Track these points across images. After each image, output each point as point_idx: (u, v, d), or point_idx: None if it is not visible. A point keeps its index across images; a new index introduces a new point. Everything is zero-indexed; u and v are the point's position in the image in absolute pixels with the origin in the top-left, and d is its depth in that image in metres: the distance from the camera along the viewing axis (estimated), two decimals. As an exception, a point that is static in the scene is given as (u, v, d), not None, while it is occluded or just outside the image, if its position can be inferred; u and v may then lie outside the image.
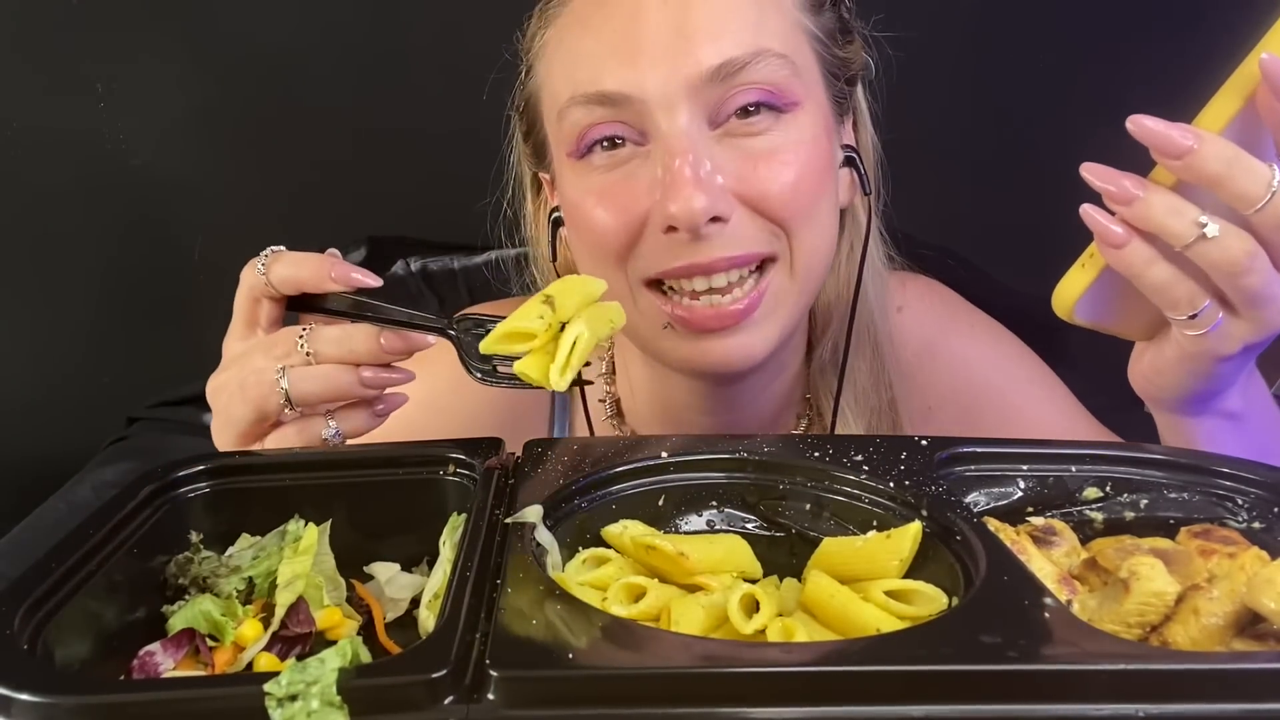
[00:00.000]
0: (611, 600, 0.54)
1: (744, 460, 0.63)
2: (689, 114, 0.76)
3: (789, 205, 0.79)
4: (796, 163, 0.79)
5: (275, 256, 0.72)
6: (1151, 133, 0.61)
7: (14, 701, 0.40)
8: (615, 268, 0.81)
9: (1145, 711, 0.40)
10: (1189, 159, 0.60)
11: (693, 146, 0.76)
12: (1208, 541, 0.57)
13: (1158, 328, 0.71)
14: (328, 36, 1.63)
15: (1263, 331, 0.65)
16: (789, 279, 0.81)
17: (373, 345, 0.69)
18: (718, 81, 0.76)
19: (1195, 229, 0.61)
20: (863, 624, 0.51)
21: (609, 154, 0.80)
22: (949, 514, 0.56)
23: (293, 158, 1.65)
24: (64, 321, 1.67)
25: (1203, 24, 0.96)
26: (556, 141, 0.85)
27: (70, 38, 1.55)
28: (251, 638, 0.53)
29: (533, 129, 0.91)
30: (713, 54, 0.76)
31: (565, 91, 0.80)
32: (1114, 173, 0.63)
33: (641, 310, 0.82)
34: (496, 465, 0.62)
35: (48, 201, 1.61)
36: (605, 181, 0.80)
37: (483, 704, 0.40)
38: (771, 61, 0.77)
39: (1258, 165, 0.61)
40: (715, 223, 0.76)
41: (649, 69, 0.76)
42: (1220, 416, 0.73)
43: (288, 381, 0.69)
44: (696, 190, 0.74)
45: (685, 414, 0.95)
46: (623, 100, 0.77)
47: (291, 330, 0.71)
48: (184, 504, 0.62)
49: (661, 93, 0.76)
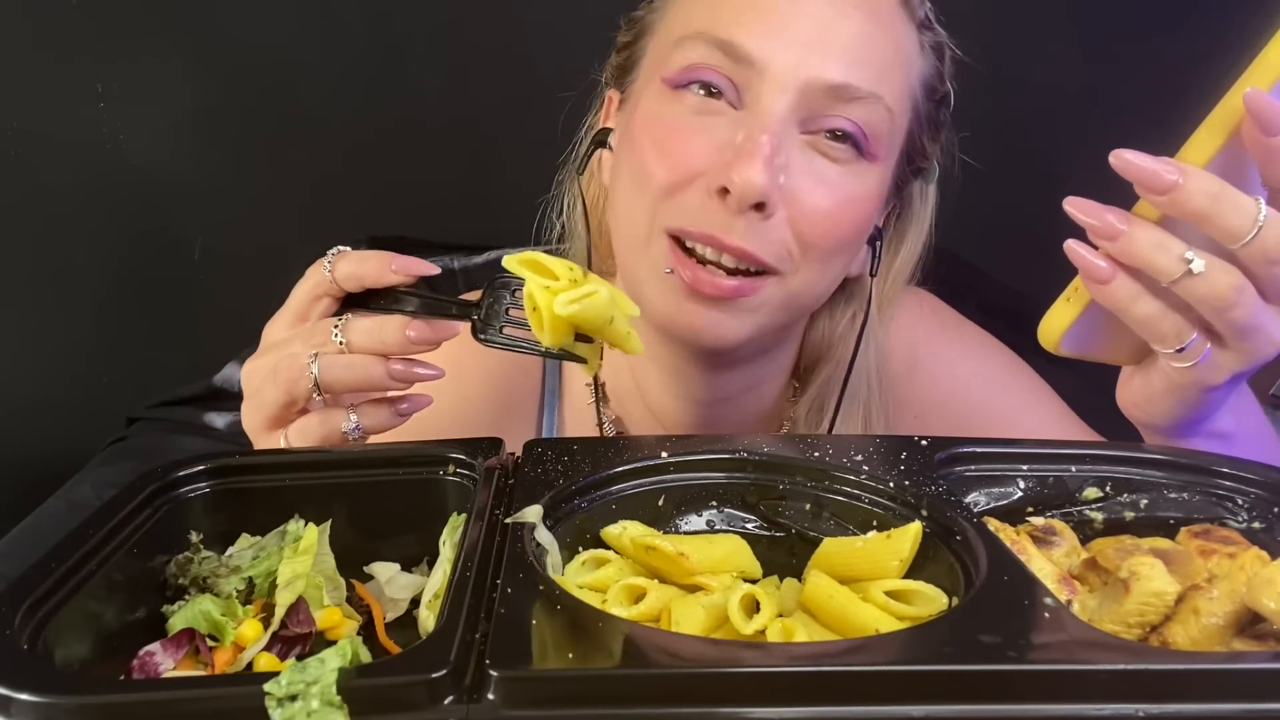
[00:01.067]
0: (611, 602, 0.54)
1: (744, 460, 0.63)
2: (792, 105, 0.78)
3: (820, 234, 0.81)
4: (848, 203, 0.82)
5: (341, 255, 0.72)
6: (1135, 168, 0.61)
7: (14, 701, 0.40)
8: (650, 203, 0.82)
9: (1145, 711, 0.40)
10: (1174, 194, 0.60)
11: (780, 132, 0.78)
12: (1208, 541, 0.57)
13: (1145, 352, 0.70)
14: (328, 37, 1.63)
15: (1250, 361, 0.65)
16: (780, 294, 0.83)
17: (400, 336, 0.70)
18: (829, 97, 0.78)
19: (1181, 265, 0.61)
20: (861, 624, 0.51)
21: (703, 99, 0.81)
22: (949, 514, 0.56)
23: (293, 158, 1.65)
24: (64, 321, 1.67)
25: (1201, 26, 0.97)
26: (657, 61, 0.86)
27: (70, 38, 1.55)
28: (251, 638, 0.53)
29: (636, 42, 0.91)
30: (839, 72, 0.78)
31: (697, 23, 0.82)
32: (1098, 207, 0.63)
33: (652, 252, 0.83)
34: (496, 465, 0.62)
35: (47, 201, 1.61)
36: (687, 121, 0.81)
37: (483, 704, 0.40)
38: (879, 109, 0.80)
39: (1243, 200, 0.60)
40: (757, 210, 0.78)
41: (784, 48, 0.78)
42: (1210, 437, 0.73)
43: (318, 368, 0.70)
44: (765, 169, 0.76)
45: (658, 394, 0.96)
46: (747, 60, 0.79)
47: (329, 320, 0.72)
48: (184, 504, 0.62)
49: (783, 72, 0.78)
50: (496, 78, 1.62)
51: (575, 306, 0.62)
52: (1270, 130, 0.59)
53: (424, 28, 1.64)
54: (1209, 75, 0.64)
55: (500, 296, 0.72)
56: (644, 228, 0.83)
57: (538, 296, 0.63)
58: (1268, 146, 0.60)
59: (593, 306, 0.63)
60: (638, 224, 0.84)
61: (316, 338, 0.71)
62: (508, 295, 0.72)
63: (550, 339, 0.64)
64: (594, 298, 0.63)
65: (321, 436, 0.72)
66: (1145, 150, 0.62)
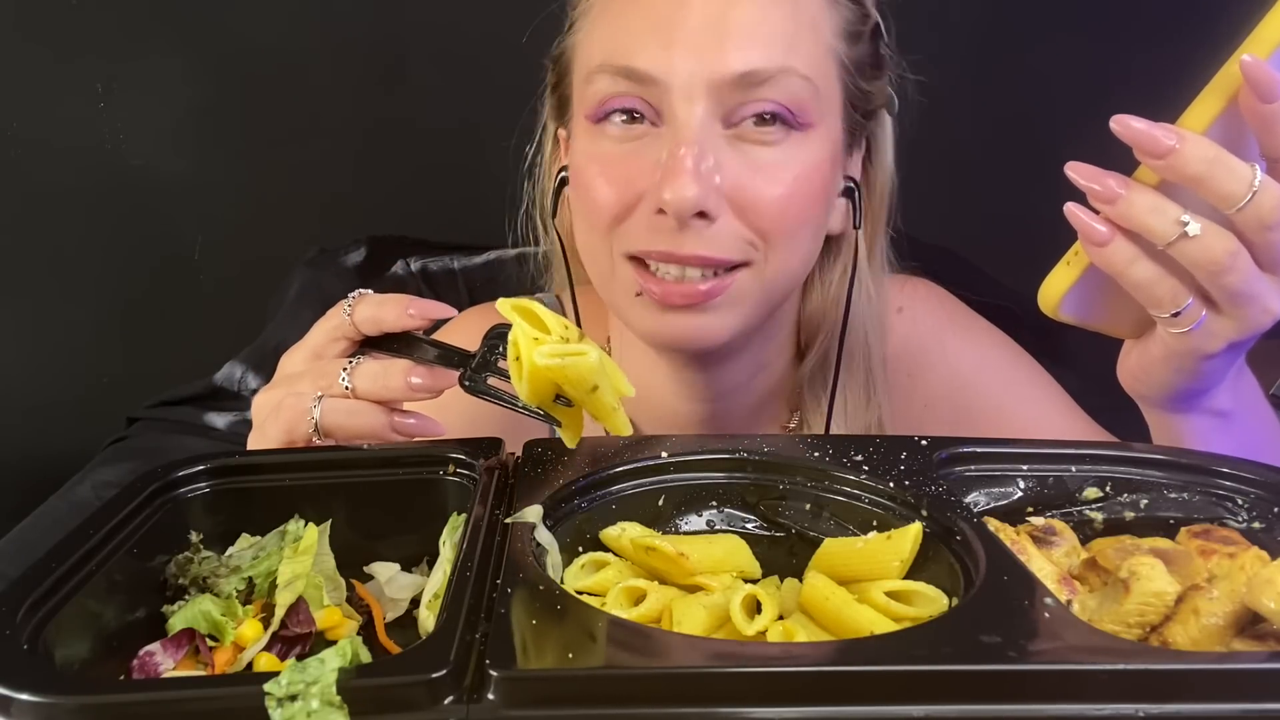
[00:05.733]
0: (611, 605, 0.54)
1: (744, 460, 0.63)
2: (706, 109, 0.79)
3: (775, 220, 0.81)
4: (793, 181, 0.81)
5: (361, 299, 0.72)
6: (1135, 132, 0.62)
7: (14, 701, 0.40)
8: (603, 235, 0.84)
9: (1145, 711, 0.40)
10: (1171, 158, 0.61)
11: (700, 139, 0.78)
12: (1208, 541, 0.57)
13: (1144, 325, 0.71)
14: (328, 37, 1.63)
15: (1246, 330, 0.66)
16: (756, 283, 0.83)
17: (403, 382, 0.69)
18: (740, 87, 0.78)
19: (1177, 228, 0.62)
20: (857, 626, 0.51)
21: (625, 126, 0.82)
22: (949, 514, 0.56)
23: (293, 158, 1.65)
24: (64, 321, 1.67)
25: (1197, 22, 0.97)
26: (579, 100, 0.87)
27: (70, 38, 1.55)
28: (251, 638, 0.53)
29: (561, 82, 0.93)
30: (740, 61, 0.78)
31: (598, 57, 0.83)
32: (1098, 171, 0.64)
33: (619, 278, 0.85)
34: (496, 465, 0.62)
35: (47, 201, 1.61)
36: (614, 151, 0.83)
37: (483, 704, 0.40)
38: (794, 81, 0.80)
39: (1239, 165, 0.61)
40: (701, 218, 0.78)
41: (680, 57, 0.78)
42: (1210, 414, 0.73)
43: (320, 411, 0.69)
44: (693, 181, 0.76)
45: (669, 400, 0.97)
46: (649, 80, 0.79)
47: (340, 361, 0.71)
48: (184, 504, 0.62)
49: (686, 82, 0.78)
50: (497, 78, 1.62)
51: (555, 361, 0.59)
52: (1267, 97, 0.60)
53: (424, 27, 1.64)
54: (1201, 73, 0.64)
55: (495, 346, 0.70)
56: (605, 258, 0.85)
57: (521, 345, 0.60)
58: (1264, 114, 0.61)
59: (576, 367, 0.59)
60: (599, 256, 0.86)
61: (325, 379, 0.70)
62: (502, 345, 0.69)
63: (528, 393, 0.61)
64: (579, 358, 0.59)
65: None
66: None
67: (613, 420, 0.63)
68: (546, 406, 0.63)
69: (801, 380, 0.99)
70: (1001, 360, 1.03)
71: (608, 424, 0.63)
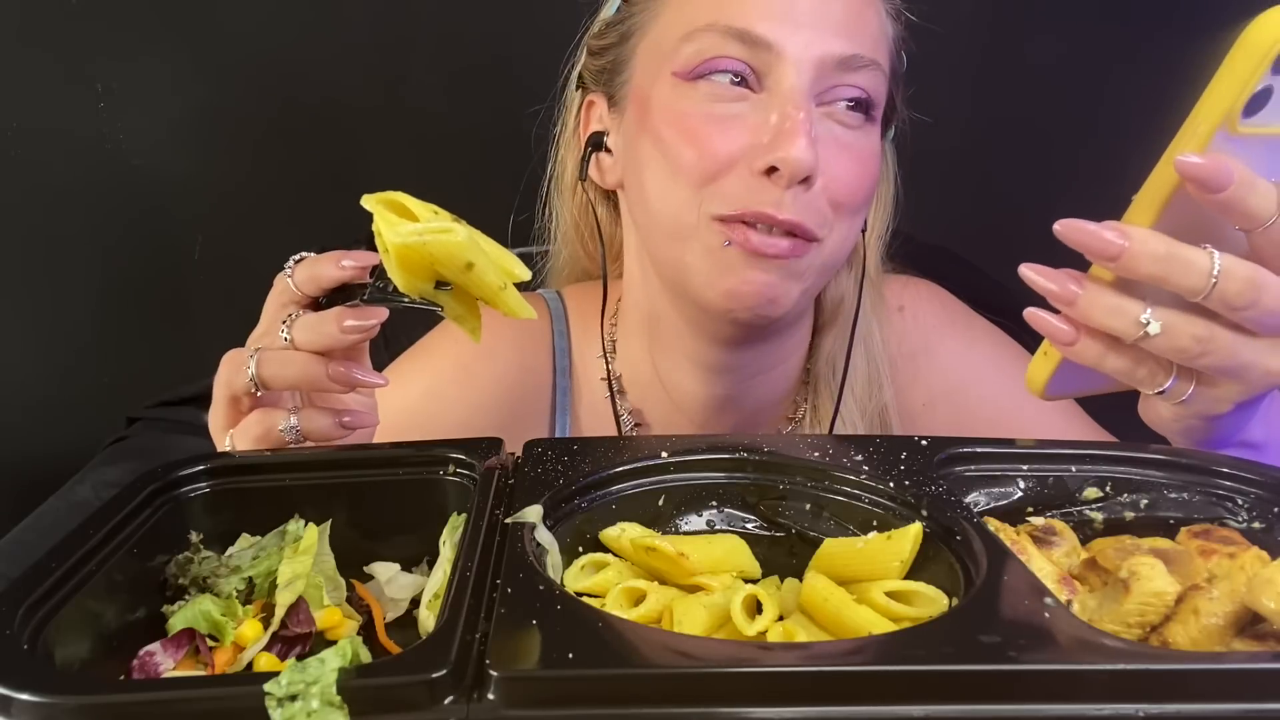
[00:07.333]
0: (611, 606, 0.54)
1: (744, 460, 0.63)
2: (811, 81, 0.82)
3: (849, 196, 0.85)
4: (867, 164, 0.86)
5: (299, 262, 0.72)
6: (1083, 234, 0.59)
7: (14, 701, 0.40)
8: (689, 194, 0.84)
9: (1145, 711, 0.40)
10: (1123, 259, 0.59)
11: (810, 106, 0.82)
12: (1208, 541, 0.57)
13: None
14: (328, 36, 1.63)
15: (1251, 392, 0.63)
16: (818, 260, 0.86)
17: (336, 327, 0.68)
18: (840, 69, 0.82)
19: (1138, 328, 0.60)
20: (857, 627, 0.51)
21: (727, 87, 0.84)
22: (949, 514, 0.56)
23: (292, 158, 1.65)
24: (64, 321, 1.67)
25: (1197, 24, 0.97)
26: (659, 58, 0.87)
27: (70, 38, 1.55)
28: (251, 638, 0.53)
29: (621, 43, 0.93)
30: (847, 45, 0.83)
31: (706, 17, 0.84)
32: (1053, 272, 0.62)
33: (700, 235, 0.85)
34: (496, 465, 0.62)
35: (47, 201, 1.61)
36: (710, 110, 0.84)
37: (483, 704, 0.40)
38: (878, 75, 0.86)
39: (1195, 257, 0.58)
40: (804, 183, 0.81)
41: (794, 29, 0.81)
42: (1241, 447, 0.71)
43: (255, 362, 0.69)
44: (809, 143, 0.79)
45: (690, 385, 0.97)
46: (764, 45, 0.82)
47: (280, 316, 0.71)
48: (184, 504, 0.62)
49: (798, 53, 0.81)
50: (497, 78, 1.62)
51: (415, 239, 0.55)
52: (1215, 188, 0.57)
53: (424, 27, 1.64)
54: (1202, 74, 0.64)
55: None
56: (690, 217, 0.85)
57: (383, 231, 0.57)
58: (1219, 202, 0.58)
59: (442, 245, 0.56)
60: (682, 212, 0.85)
61: (266, 337, 0.71)
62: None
63: (401, 281, 0.58)
64: (443, 235, 0.56)
65: (257, 435, 0.70)
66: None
67: (500, 300, 0.61)
68: (428, 294, 0.62)
69: (814, 372, 1.00)
70: (1002, 360, 1.03)
71: (497, 305, 0.61)
